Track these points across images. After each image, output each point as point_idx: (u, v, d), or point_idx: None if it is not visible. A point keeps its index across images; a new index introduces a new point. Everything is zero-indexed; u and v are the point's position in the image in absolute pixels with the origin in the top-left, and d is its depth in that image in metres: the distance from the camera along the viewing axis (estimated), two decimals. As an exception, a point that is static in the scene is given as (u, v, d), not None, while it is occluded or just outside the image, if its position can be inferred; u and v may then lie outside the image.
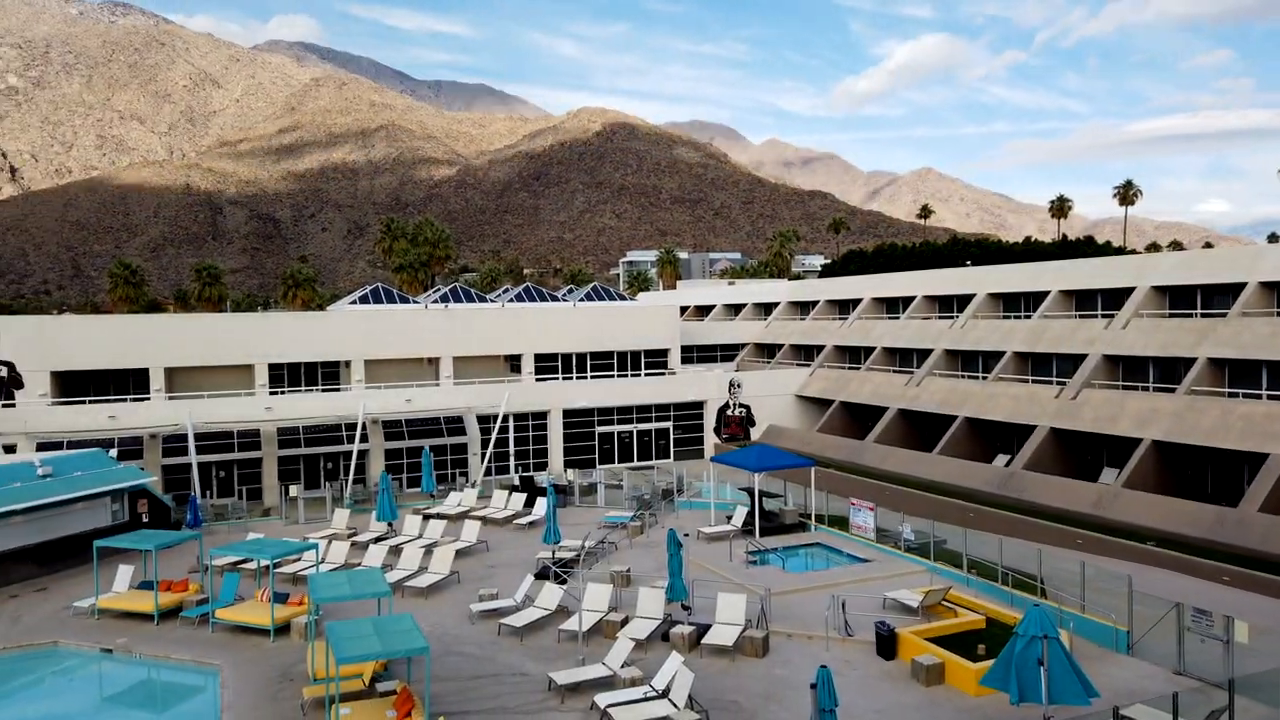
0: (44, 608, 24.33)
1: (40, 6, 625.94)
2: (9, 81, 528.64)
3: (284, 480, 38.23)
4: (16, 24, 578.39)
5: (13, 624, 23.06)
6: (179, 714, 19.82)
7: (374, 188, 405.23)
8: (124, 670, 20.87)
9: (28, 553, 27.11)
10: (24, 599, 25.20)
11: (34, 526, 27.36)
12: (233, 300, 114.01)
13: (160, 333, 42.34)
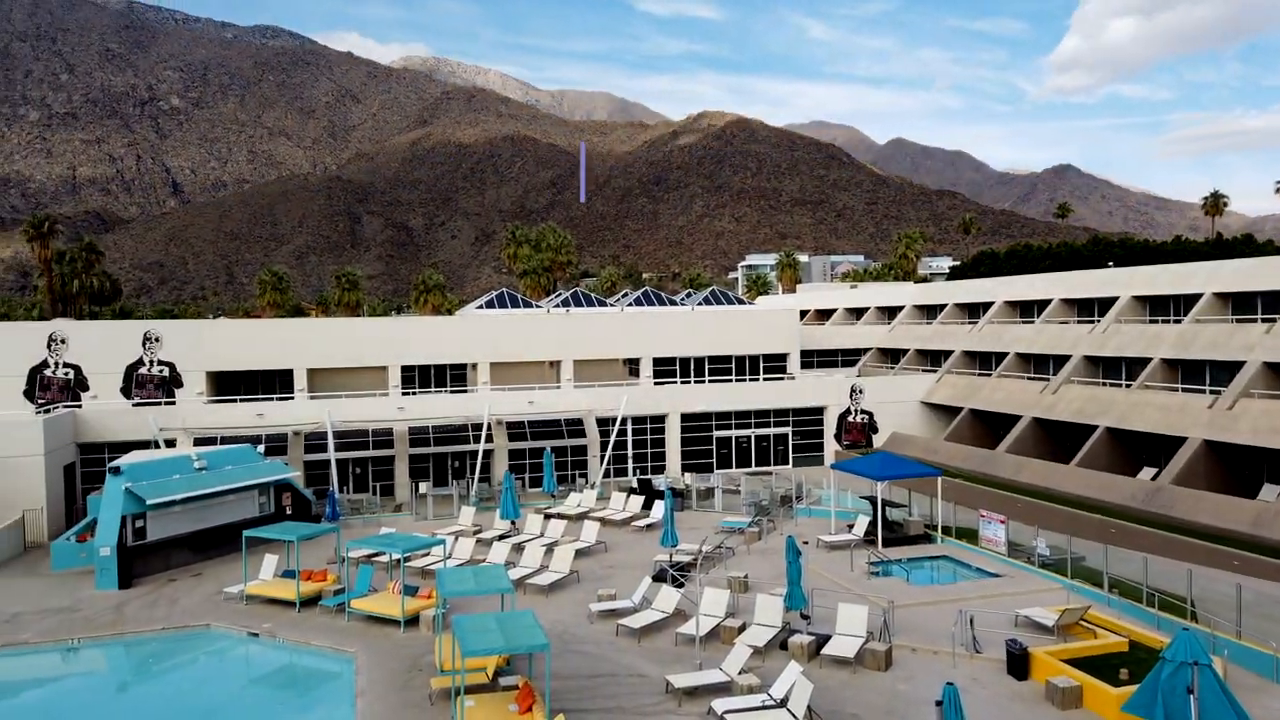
0: (199, 592, 26.17)
1: (199, 32, 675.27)
2: (172, 103, 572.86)
3: (414, 478, 39.85)
4: (178, 49, 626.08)
5: (171, 606, 24.91)
6: (317, 697, 20.92)
7: (500, 196, 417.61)
8: (268, 653, 22.21)
9: (185, 540, 29.25)
10: (181, 583, 27.19)
11: (191, 516, 29.50)
12: (369, 305, 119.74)
13: (303, 336, 44.94)
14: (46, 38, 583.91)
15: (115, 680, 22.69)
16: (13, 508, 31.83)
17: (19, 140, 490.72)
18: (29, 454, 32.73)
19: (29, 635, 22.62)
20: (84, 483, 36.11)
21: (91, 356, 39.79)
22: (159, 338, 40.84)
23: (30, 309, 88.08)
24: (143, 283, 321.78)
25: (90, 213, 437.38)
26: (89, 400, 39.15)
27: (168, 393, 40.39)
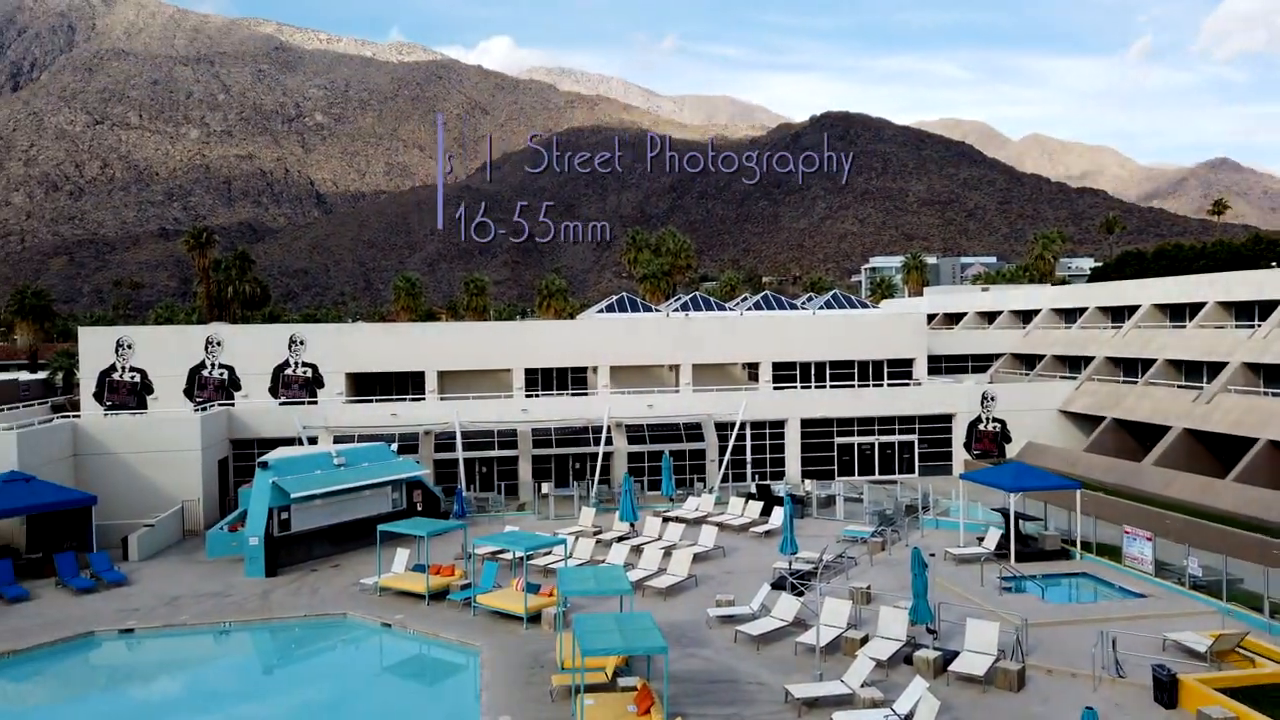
0: (337, 582, 27.58)
1: (341, 52, 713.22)
2: (316, 119, 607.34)
3: (537, 478, 40.80)
4: (322, 68, 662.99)
5: (312, 595, 26.36)
6: (445, 688, 21.71)
7: (621, 202, 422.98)
8: (400, 643, 23.19)
9: (325, 532, 30.89)
10: (321, 573, 28.72)
11: (331, 509, 31.14)
12: (495, 310, 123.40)
13: (434, 339, 46.77)
14: (205, 61, 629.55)
15: (262, 662, 24.19)
16: (173, 498, 34.43)
17: (181, 157, 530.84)
18: (188, 449, 35.32)
19: (186, 617, 24.40)
20: (236, 476, 38.67)
21: (243, 358, 42.59)
22: (303, 341, 43.33)
23: (190, 313, 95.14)
24: (289, 289, 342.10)
25: (243, 223, 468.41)
26: (241, 399, 41.91)
27: (311, 393, 42.77)
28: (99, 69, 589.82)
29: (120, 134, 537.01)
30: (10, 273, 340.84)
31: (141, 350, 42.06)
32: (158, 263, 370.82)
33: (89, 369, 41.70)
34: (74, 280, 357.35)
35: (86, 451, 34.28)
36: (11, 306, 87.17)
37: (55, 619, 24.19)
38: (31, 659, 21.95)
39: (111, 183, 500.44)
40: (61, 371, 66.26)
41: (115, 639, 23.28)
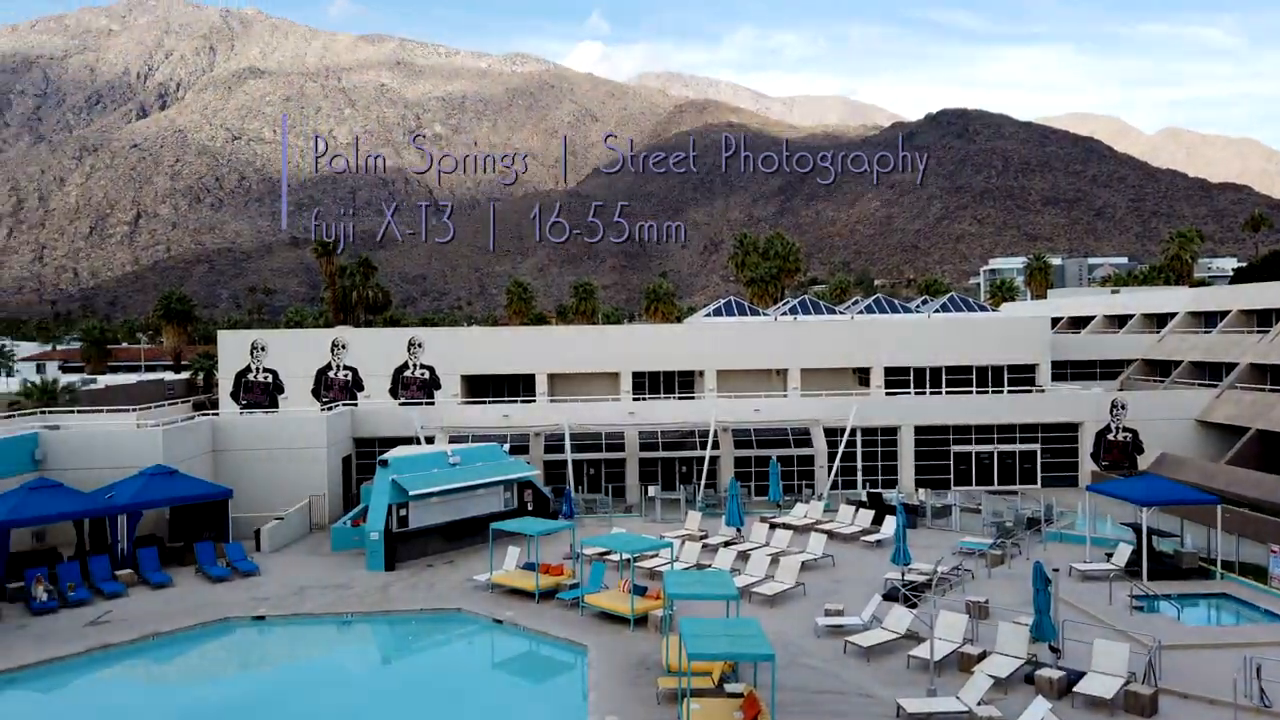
0: (451, 578, 28.44)
1: (459, 65, 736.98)
2: (435, 130, 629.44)
3: (644, 481, 41.04)
4: (440, 81, 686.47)
5: (428, 589, 27.26)
6: (553, 686, 22.06)
7: (729, 205, 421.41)
8: (511, 640, 23.71)
9: (440, 529, 31.91)
10: (437, 569, 29.68)
11: (447, 507, 32.15)
12: (603, 314, 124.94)
13: (544, 343, 47.71)
14: (333, 77, 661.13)
15: (380, 653, 25.18)
16: (301, 493, 36.26)
17: (309, 170, 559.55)
18: (315, 446, 37.14)
19: (312, 607, 25.63)
20: (358, 473, 40.42)
21: (366, 360, 44.50)
22: (421, 344, 44.93)
23: (318, 318, 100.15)
24: (408, 294, 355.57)
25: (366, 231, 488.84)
26: (364, 399, 43.78)
27: (428, 394, 44.31)
28: (237, 87, 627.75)
29: (256, 148, 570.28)
30: (158, 280, 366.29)
31: (274, 352, 44.50)
32: (289, 269, 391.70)
33: (226, 370, 44.41)
34: (214, 286, 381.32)
35: (224, 447, 36.51)
36: (158, 311, 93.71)
37: (195, 604, 25.83)
38: (174, 641, 23.52)
39: (248, 194, 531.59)
40: (202, 372, 70.78)
41: (248, 625, 24.68)
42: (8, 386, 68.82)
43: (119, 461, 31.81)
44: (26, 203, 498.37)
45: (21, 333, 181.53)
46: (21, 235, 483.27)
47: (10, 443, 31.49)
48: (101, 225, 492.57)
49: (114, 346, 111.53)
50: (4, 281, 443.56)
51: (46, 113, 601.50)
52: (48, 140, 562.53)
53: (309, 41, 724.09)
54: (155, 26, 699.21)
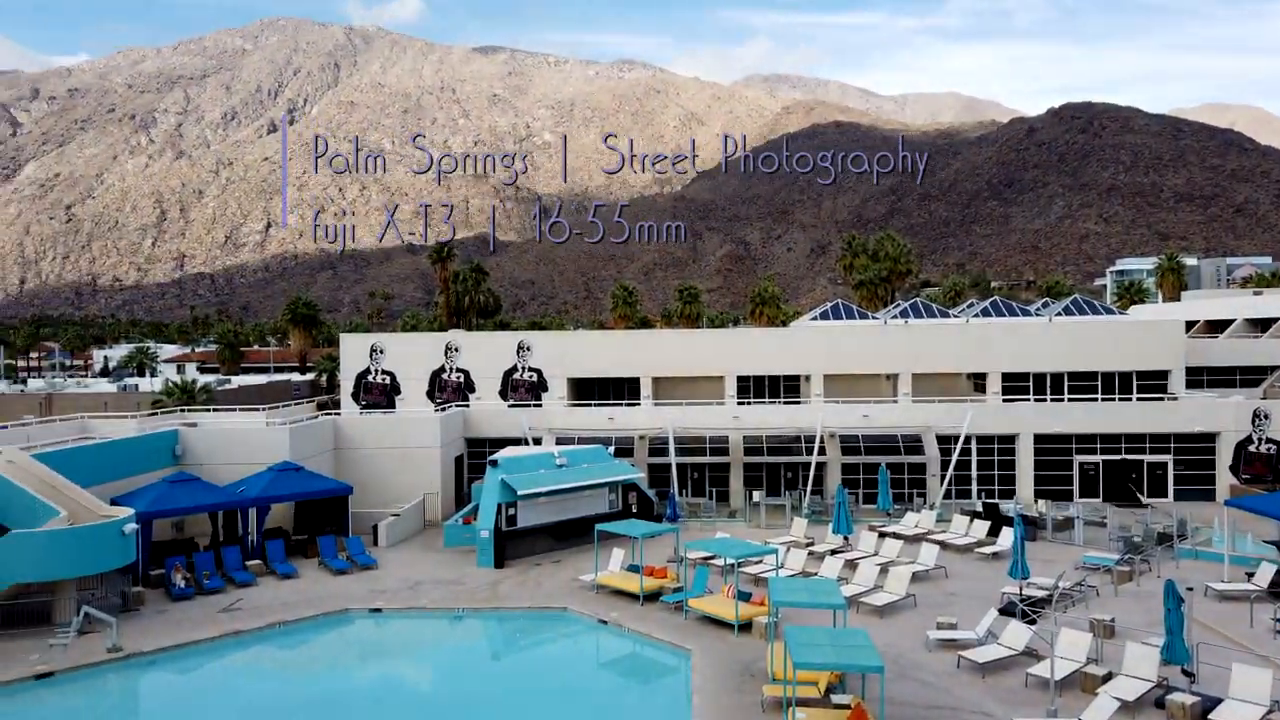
0: (558, 577, 28.90)
1: (567, 72, 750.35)
2: (544, 138, 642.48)
3: (748, 486, 40.70)
4: (550, 90, 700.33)
5: (536, 588, 27.78)
6: (657, 688, 22.12)
7: (836, 206, 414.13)
8: (615, 641, 23.91)
9: (547, 529, 32.49)
10: (544, 568, 30.22)
11: (553, 507, 32.71)
12: (708, 317, 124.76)
13: (649, 346, 47.97)
14: (448, 89, 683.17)
15: (490, 648, 25.81)
16: (415, 491, 37.56)
17: (426, 178, 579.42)
18: (429, 445, 38.42)
19: (426, 601, 26.50)
20: (469, 472, 41.56)
21: (477, 363, 45.75)
22: (530, 347, 45.90)
23: (432, 322, 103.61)
24: (518, 299, 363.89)
25: (478, 237, 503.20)
26: (475, 401, 45.02)
27: (536, 396, 45.19)
28: (359, 102, 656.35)
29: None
30: (286, 285, 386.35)
31: (391, 355, 46.29)
32: (406, 275, 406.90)
33: (348, 371, 46.45)
34: (337, 292, 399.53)
35: (345, 446, 38.19)
36: (286, 315, 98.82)
37: (317, 595, 27.09)
38: (298, 630, 24.73)
39: (368, 204, 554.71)
40: (325, 373, 74.29)
41: (366, 617, 25.72)
42: (151, 386, 73.90)
43: (249, 458, 33.71)
44: (169, 214, 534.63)
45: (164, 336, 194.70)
46: (164, 245, 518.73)
47: (154, 439, 33.83)
48: (235, 234, 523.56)
49: (246, 349, 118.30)
50: (149, 288, 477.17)
51: (187, 129, 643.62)
52: (188, 155, 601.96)
53: (426, 56, 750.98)
54: (285, 45, 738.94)
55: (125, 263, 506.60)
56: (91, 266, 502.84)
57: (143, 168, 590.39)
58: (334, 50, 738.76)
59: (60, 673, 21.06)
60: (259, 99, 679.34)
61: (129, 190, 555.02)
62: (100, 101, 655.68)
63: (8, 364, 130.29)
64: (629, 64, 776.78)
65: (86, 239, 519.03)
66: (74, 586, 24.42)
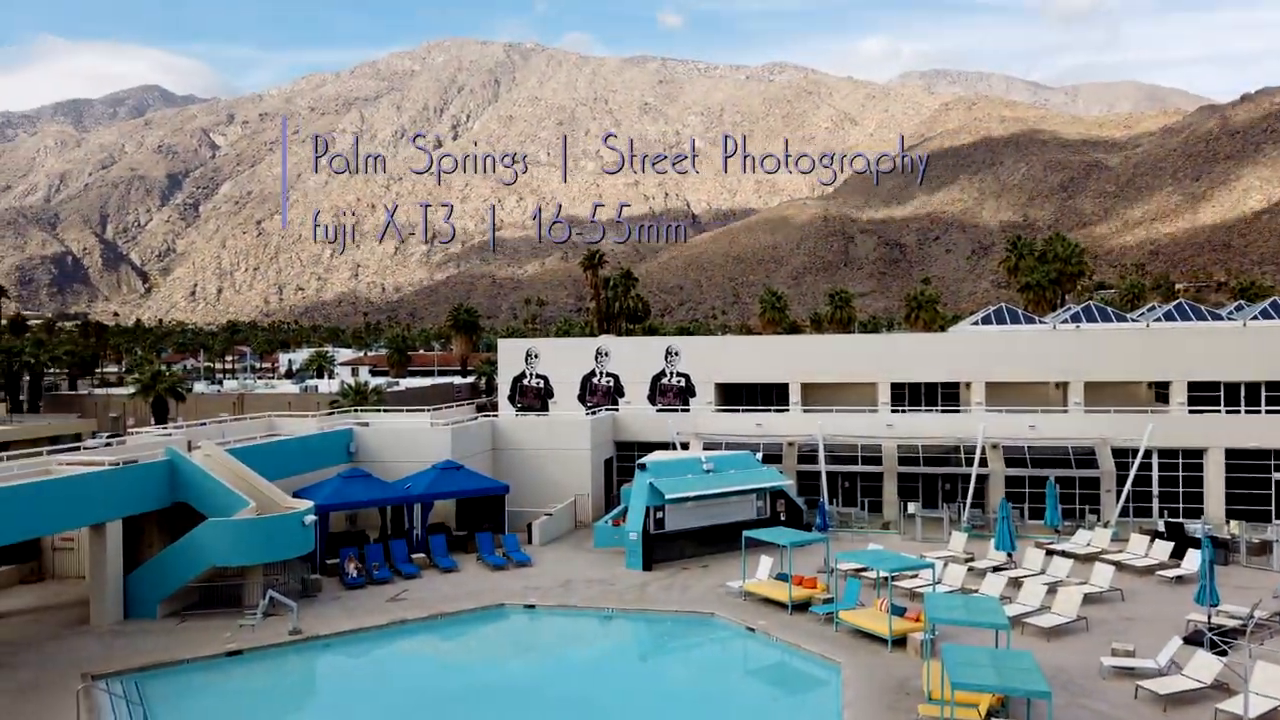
0: (705, 582, 28.88)
1: (718, 77, 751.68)
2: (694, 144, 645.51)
3: (903, 496, 39.30)
4: (700, 95, 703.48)
5: (683, 592, 27.88)
6: (806, 701, 21.70)
7: (1000, 205, 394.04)
8: (763, 650, 23.64)
9: (694, 534, 32.54)
10: (691, 572, 30.28)
11: (700, 512, 32.75)
12: (859, 322, 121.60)
13: (798, 351, 47.22)
14: (600, 100, 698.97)
15: (638, 650, 26.10)
16: (567, 492, 38.54)
17: (579, 188, 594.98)
18: (579, 447, 39.34)
19: (577, 600, 27.12)
20: (619, 475, 42.24)
21: (626, 367, 46.47)
22: (678, 352, 46.19)
23: (583, 327, 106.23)
24: (666, 304, 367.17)
25: (628, 244, 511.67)
26: (624, 404, 45.74)
27: (684, 401, 45.42)
28: (517, 116, 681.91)
29: (532, 171, 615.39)
30: (449, 293, 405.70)
31: (544, 359, 47.74)
32: (559, 282, 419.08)
33: (505, 375, 48.27)
34: (495, 299, 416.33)
35: (501, 446, 39.70)
36: (449, 321, 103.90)
37: (475, 589, 28.25)
38: (458, 622, 25.89)
39: (525, 214, 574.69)
40: (485, 377, 77.52)
41: (520, 612, 26.59)
42: (329, 388, 79.35)
43: (415, 456, 35.62)
44: (345, 227, 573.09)
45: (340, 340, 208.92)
46: (340, 256, 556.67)
47: (331, 437, 36.34)
48: (404, 246, 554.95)
49: (413, 353, 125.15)
50: (327, 297, 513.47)
51: (361, 147, 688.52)
52: (362, 172, 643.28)
53: (580, 68, 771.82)
54: (450, 65, 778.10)
55: (307, 273, 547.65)
56: (278, 277, 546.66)
57: (323, 184, 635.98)
58: (494, 67, 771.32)
59: (248, 651, 22.94)
60: (425, 116, 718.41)
61: (311, 205, 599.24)
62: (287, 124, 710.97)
63: (206, 366, 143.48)
64: (780, 66, 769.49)
65: (274, 251, 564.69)
66: (261, 572, 26.53)
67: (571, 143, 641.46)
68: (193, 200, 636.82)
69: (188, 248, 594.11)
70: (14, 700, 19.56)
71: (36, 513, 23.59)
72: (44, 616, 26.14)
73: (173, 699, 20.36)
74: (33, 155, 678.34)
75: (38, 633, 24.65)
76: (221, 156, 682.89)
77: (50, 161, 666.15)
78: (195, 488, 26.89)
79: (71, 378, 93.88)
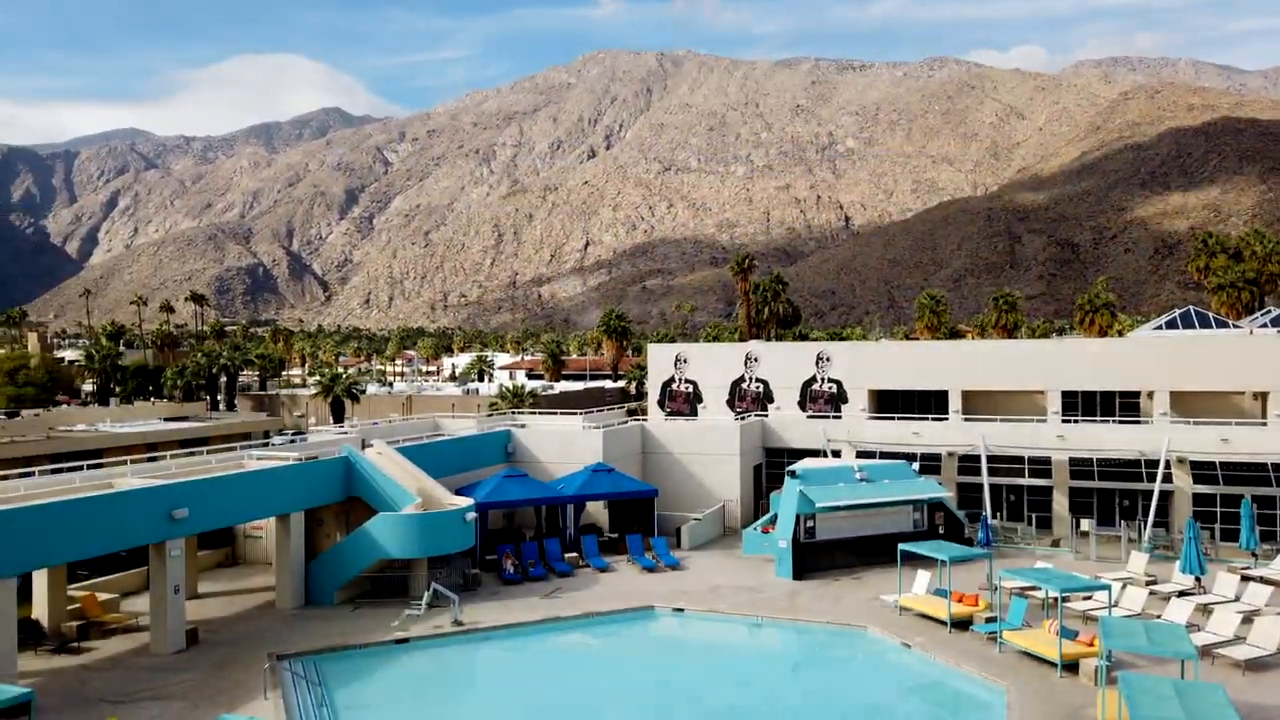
0: (857, 594, 28.12)
1: (873, 75, 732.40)
2: (847, 145, 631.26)
3: (1075, 512, 36.84)
4: (854, 95, 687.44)
5: (834, 603, 27.24)
6: (965, 722, 20.71)
7: (1187, 201, 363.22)
8: (919, 667, 22.73)
9: (846, 544, 31.75)
10: (843, 583, 29.55)
11: (852, 522, 31.93)
12: (1027, 326, 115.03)
13: (959, 357, 45.17)
14: (751, 104, 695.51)
15: (789, 659, 25.71)
16: (715, 497, 38.49)
17: (729, 193, 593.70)
18: (728, 453, 39.20)
19: (725, 606, 27.02)
20: (768, 482, 41.79)
21: (776, 373, 45.95)
22: (829, 358, 45.25)
23: (732, 332, 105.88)
24: (817, 308, 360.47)
25: (778, 248, 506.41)
26: (773, 410, 45.24)
27: (835, 407, 44.43)
28: (668, 123, 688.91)
29: (682, 178, 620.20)
30: (600, 299, 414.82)
31: (693, 364, 47.92)
32: (708, 287, 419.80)
33: (654, 379, 48.79)
34: (645, 304, 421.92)
35: (651, 450, 40.13)
36: (601, 327, 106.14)
37: (625, 590, 28.67)
38: (608, 621, 26.36)
39: (675, 220, 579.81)
40: (635, 381, 78.63)
41: (669, 615, 26.78)
42: (488, 391, 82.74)
43: (568, 458, 36.62)
44: (504, 237, 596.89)
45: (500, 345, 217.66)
46: (500, 264, 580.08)
47: (491, 437, 37.92)
48: (559, 254, 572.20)
49: (566, 358, 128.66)
50: (488, 303, 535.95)
51: (520, 160, 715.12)
52: (520, 184, 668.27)
53: (731, 73, 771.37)
54: (604, 76, 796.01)
55: (469, 281, 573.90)
56: (443, 285, 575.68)
57: (484, 196, 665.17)
58: (646, 76, 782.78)
59: (413, 639, 24.23)
60: (580, 128, 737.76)
61: (473, 217, 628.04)
62: (452, 140, 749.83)
63: (379, 369, 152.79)
64: (939, 61, 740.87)
65: (439, 261, 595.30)
66: (426, 565, 27.97)
67: (722, 147, 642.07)
68: (367, 214, 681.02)
69: (363, 258, 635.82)
70: (210, 674, 21.49)
71: (233, 502, 25.88)
72: (236, 599, 28.58)
73: (347, 680, 21.77)
74: (230, 176, 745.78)
75: (231, 613, 26.99)
76: (394, 172, 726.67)
77: (245, 181, 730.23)
78: (368, 483, 28.72)
79: (262, 379, 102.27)
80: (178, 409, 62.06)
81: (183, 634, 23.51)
